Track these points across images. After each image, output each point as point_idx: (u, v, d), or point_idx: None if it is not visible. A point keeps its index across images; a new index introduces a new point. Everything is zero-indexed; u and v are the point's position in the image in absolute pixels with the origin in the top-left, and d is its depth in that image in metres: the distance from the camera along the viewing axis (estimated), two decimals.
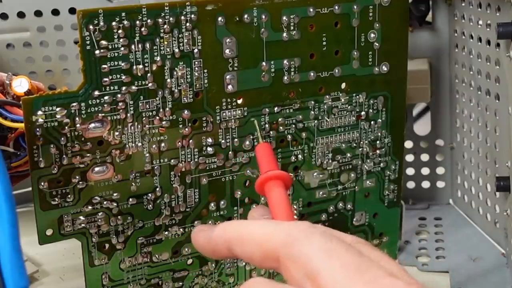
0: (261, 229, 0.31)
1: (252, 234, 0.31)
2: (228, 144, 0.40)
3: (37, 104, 0.35)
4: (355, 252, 0.28)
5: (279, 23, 0.40)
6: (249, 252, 0.31)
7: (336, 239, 0.29)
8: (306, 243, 0.28)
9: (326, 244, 0.28)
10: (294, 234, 0.29)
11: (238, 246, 0.31)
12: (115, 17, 0.36)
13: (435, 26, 0.54)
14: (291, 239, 0.29)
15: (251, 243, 0.31)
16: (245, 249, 0.31)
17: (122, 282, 0.40)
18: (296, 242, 0.29)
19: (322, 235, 0.29)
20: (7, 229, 0.24)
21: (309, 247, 0.28)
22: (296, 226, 0.30)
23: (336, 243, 0.28)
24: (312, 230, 0.29)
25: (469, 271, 0.47)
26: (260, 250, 0.30)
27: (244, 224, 0.32)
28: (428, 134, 0.57)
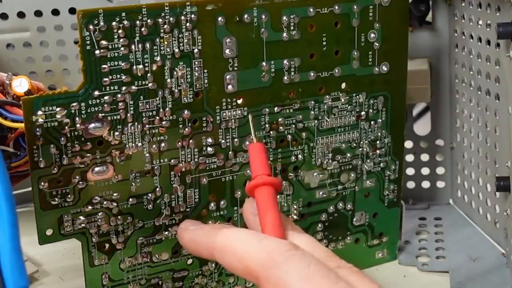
0: (244, 244, 0.31)
1: (234, 248, 0.31)
2: (228, 144, 0.40)
3: (37, 104, 0.35)
4: (332, 278, 0.28)
5: (279, 23, 0.40)
6: (231, 264, 0.31)
7: (315, 263, 0.29)
8: (284, 268, 0.29)
9: (304, 270, 0.29)
10: (273, 256, 0.29)
11: (220, 255, 0.32)
12: (115, 17, 0.36)
13: (435, 26, 0.54)
14: (271, 261, 0.29)
15: (232, 257, 0.31)
16: (226, 260, 0.32)
17: (122, 282, 0.40)
18: (275, 265, 0.29)
19: (301, 260, 0.29)
20: (7, 229, 0.24)
21: (287, 273, 0.29)
22: (277, 247, 0.30)
23: (314, 268, 0.29)
24: (292, 253, 0.29)
25: (469, 271, 0.47)
26: (240, 265, 0.31)
27: (227, 234, 0.32)
28: (428, 134, 0.57)
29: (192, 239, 0.35)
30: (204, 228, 0.35)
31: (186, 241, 0.35)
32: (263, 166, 0.35)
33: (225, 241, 0.32)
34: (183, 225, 0.37)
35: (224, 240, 0.32)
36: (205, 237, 0.33)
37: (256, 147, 0.37)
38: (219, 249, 0.32)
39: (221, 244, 0.32)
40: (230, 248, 0.31)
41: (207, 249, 0.33)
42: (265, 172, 0.35)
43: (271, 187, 0.34)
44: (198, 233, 0.35)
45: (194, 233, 0.35)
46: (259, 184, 0.34)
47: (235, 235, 0.32)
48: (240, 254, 0.31)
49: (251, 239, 0.31)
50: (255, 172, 0.35)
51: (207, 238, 0.33)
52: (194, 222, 0.38)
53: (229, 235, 0.32)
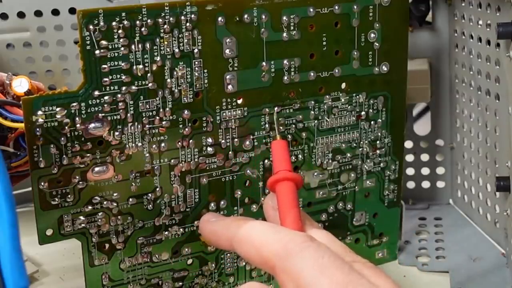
0: (261, 235, 0.32)
1: (252, 238, 0.32)
2: (228, 144, 0.40)
3: (37, 104, 0.35)
4: (345, 269, 0.29)
5: (279, 23, 0.40)
6: (248, 254, 0.32)
7: (329, 255, 0.29)
8: (299, 258, 0.29)
9: (318, 261, 0.29)
10: (289, 247, 0.30)
11: (238, 246, 0.33)
12: (115, 17, 0.36)
13: (435, 26, 0.54)
14: (286, 252, 0.30)
15: (250, 247, 0.32)
16: (244, 251, 0.32)
17: (122, 282, 0.40)
18: (290, 255, 0.30)
19: (316, 251, 0.30)
20: (7, 229, 0.24)
21: (302, 263, 0.29)
22: (293, 238, 0.31)
23: (328, 260, 0.29)
24: (308, 244, 0.30)
25: (469, 271, 0.47)
26: (258, 255, 0.31)
27: (247, 226, 0.33)
28: (428, 134, 0.57)
29: (213, 231, 0.36)
30: (225, 220, 0.36)
31: (207, 232, 0.36)
32: (285, 162, 0.36)
33: (243, 232, 0.33)
34: (205, 217, 0.37)
35: (243, 231, 0.33)
36: (225, 229, 0.34)
37: (279, 143, 0.37)
38: (238, 240, 0.33)
39: (240, 235, 0.33)
40: (248, 239, 0.32)
41: (227, 240, 0.34)
42: (286, 168, 0.35)
43: (291, 183, 0.35)
44: (219, 224, 0.35)
45: (215, 225, 0.36)
46: (280, 179, 0.35)
47: (254, 227, 0.33)
48: (258, 244, 0.31)
49: (269, 230, 0.32)
50: (277, 168, 0.36)
51: (227, 230, 0.34)
52: (215, 215, 0.38)
53: (248, 226, 0.33)
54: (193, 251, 0.41)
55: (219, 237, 0.35)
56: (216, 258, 0.42)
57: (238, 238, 0.33)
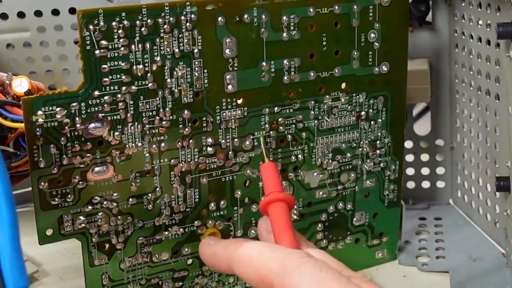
0: (259, 254, 0.32)
1: (249, 259, 0.32)
2: (228, 144, 0.40)
3: (37, 104, 0.35)
4: (343, 281, 0.29)
5: (279, 23, 0.40)
6: (246, 274, 0.32)
7: (327, 269, 0.30)
8: (297, 274, 0.30)
9: (315, 275, 0.29)
10: (286, 264, 0.30)
11: (237, 266, 0.33)
12: (115, 17, 0.36)
13: (435, 26, 0.54)
14: (284, 269, 0.30)
15: (248, 267, 0.32)
16: (242, 270, 0.33)
17: (122, 282, 0.40)
18: (288, 272, 0.30)
19: (313, 266, 0.30)
20: (7, 229, 0.24)
21: (300, 278, 0.29)
22: (290, 255, 0.31)
23: (326, 273, 0.29)
24: (305, 260, 0.30)
25: (469, 271, 0.47)
26: (256, 275, 0.32)
27: (243, 247, 0.33)
28: (428, 134, 0.57)
29: (212, 253, 0.36)
30: (223, 242, 0.37)
31: (207, 255, 0.37)
32: (275, 184, 0.36)
33: (241, 253, 0.33)
34: (205, 241, 0.38)
35: (240, 252, 0.33)
36: (224, 250, 0.35)
37: (267, 166, 0.37)
38: (236, 261, 0.33)
39: (238, 256, 0.33)
40: (246, 259, 0.33)
41: (226, 261, 0.34)
42: (277, 190, 0.36)
43: (284, 203, 0.35)
44: (218, 246, 0.36)
45: (214, 247, 0.37)
46: (272, 201, 0.35)
47: (251, 247, 0.33)
48: (255, 264, 0.32)
49: (266, 249, 0.32)
50: (268, 190, 0.36)
51: (225, 251, 0.35)
52: (214, 238, 0.39)
53: (245, 247, 0.33)
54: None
55: (218, 259, 0.35)
56: None
57: (236, 258, 0.33)
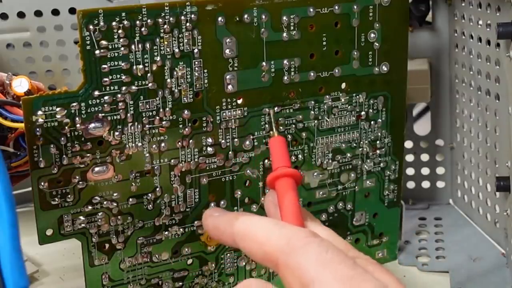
0: (264, 231, 0.31)
1: (255, 234, 0.32)
2: (228, 144, 0.40)
3: (37, 104, 0.35)
4: (349, 264, 0.28)
5: (279, 23, 0.40)
6: (251, 250, 0.32)
7: (333, 250, 0.29)
8: (302, 253, 0.29)
9: (321, 255, 0.29)
10: (292, 243, 0.30)
11: (242, 241, 0.32)
12: (115, 17, 0.36)
13: (435, 26, 0.54)
14: (290, 247, 0.30)
15: (253, 243, 0.32)
16: (247, 246, 0.32)
17: (122, 282, 0.40)
18: (293, 251, 0.29)
19: (319, 246, 0.29)
20: (7, 229, 0.24)
21: (305, 258, 0.29)
22: (296, 233, 0.30)
23: (332, 254, 0.29)
24: (311, 239, 0.30)
25: (469, 271, 0.47)
26: (261, 251, 0.31)
27: (250, 221, 0.33)
28: (428, 134, 0.57)
29: (215, 226, 0.35)
30: (228, 215, 0.35)
31: (210, 227, 0.36)
32: (284, 159, 0.36)
33: (246, 227, 0.32)
34: (208, 212, 0.37)
35: (245, 227, 0.32)
36: (228, 224, 0.34)
37: (276, 140, 0.37)
38: (240, 235, 0.32)
39: (242, 231, 0.32)
40: (251, 235, 0.32)
41: (229, 235, 0.33)
42: (285, 164, 0.35)
43: (291, 179, 0.35)
44: (222, 219, 0.35)
45: (217, 220, 0.35)
46: (279, 176, 0.35)
47: (256, 222, 0.32)
48: (260, 240, 0.31)
49: (272, 226, 0.32)
50: (276, 164, 0.35)
51: (230, 225, 0.33)
52: (218, 209, 0.38)
53: (250, 222, 0.33)
54: (193, 251, 0.41)
55: (221, 232, 0.34)
56: (216, 258, 0.42)
57: (241, 233, 0.32)
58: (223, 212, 0.37)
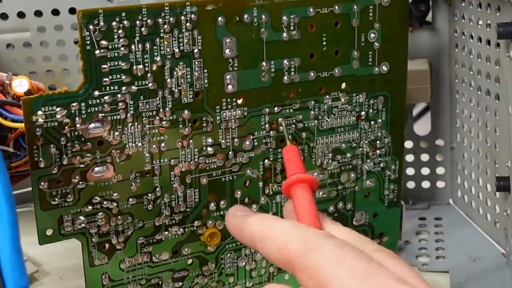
0: (282, 233, 0.32)
1: (273, 237, 0.32)
2: (228, 144, 0.40)
3: (37, 104, 0.35)
4: (363, 258, 0.29)
5: (279, 23, 0.40)
6: (268, 252, 0.32)
7: (348, 247, 0.29)
8: (317, 253, 0.29)
9: (335, 253, 0.29)
10: (308, 243, 0.30)
11: (259, 244, 0.33)
12: (115, 17, 0.36)
13: (435, 26, 0.54)
14: (305, 249, 0.30)
15: (271, 246, 0.32)
16: (265, 248, 0.32)
17: (122, 282, 0.40)
18: (309, 252, 0.30)
19: (334, 244, 0.30)
20: (7, 229, 0.24)
21: (320, 257, 0.29)
22: (312, 234, 0.31)
23: (347, 251, 0.29)
24: (326, 240, 0.30)
25: (469, 271, 0.47)
26: (278, 254, 0.31)
27: (268, 223, 0.33)
28: (428, 134, 0.57)
29: (236, 226, 0.35)
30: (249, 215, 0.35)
31: (231, 227, 0.36)
32: (298, 166, 0.36)
33: (265, 230, 0.33)
34: (232, 210, 0.37)
35: (264, 229, 0.33)
36: (248, 225, 0.34)
37: (290, 148, 0.37)
38: (260, 238, 0.33)
39: (262, 233, 0.33)
40: (269, 237, 0.32)
41: (249, 236, 0.33)
42: (299, 171, 0.35)
43: (306, 184, 0.35)
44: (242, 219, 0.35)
45: (238, 219, 0.35)
46: (294, 182, 0.35)
47: (275, 225, 0.33)
48: (278, 243, 0.31)
49: (289, 228, 0.32)
50: (290, 172, 0.36)
51: (249, 227, 0.34)
52: (242, 209, 0.37)
53: (269, 224, 0.33)
54: (193, 251, 0.41)
55: (241, 233, 0.35)
56: (216, 258, 0.42)
57: (260, 235, 0.33)
58: (246, 212, 0.37)
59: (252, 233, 0.33)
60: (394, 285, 0.27)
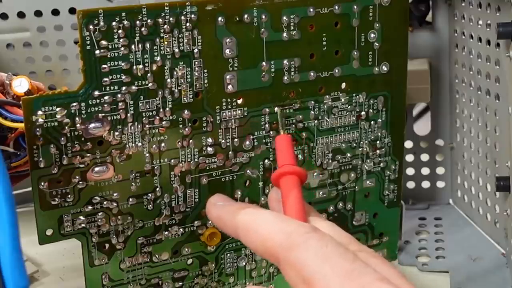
0: (266, 225, 0.31)
1: (257, 229, 0.32)
2: (228, 144, 0.40)
3: (37, 104, 0.35)
4: (349, 257, 0.29)
5: (279, 23, 0.40)
6: (252, 244, 0.32)
7: (333, 244, 0.29)
8: (302, 249, 0.29)
9: (321, 250, 0.29)
10: (293, 239, 0.30)
11: (244, 236, 0.33)
12: (115, 17, 0.36)
13: (435, 26, 0.54)
14: (290, 243, 0.30)
15: (255, 238, 0.32)
16: (249, 240, 0.32)
17: (122, 282, 0.40)
18: (294, 246, 0.30)
19: (319, 240, 0.29)
20: (7, 229, 0.24)
21: (305, 253, 0.29)
22: (297, 229, 0.30)
23: (332, 249, 0.29)
24: (311, 235, 0.30)
25: (469, 271, 0.47)
26: (262, 246, 0.31)
27: (253, 215, 0.33)
28: (428, 134, 0.57)
29: (219, 216, 0.35)
30: (232, 206, 0.35)
31: (213, 217, 0.36)
32: (289, 157, 0.36)
33: (249, 221, 0.32)
34: (212, 199, 0.37)
35: (248, 220, 0.33)
36: (231, 216, 0.34)
37: (282, 138, 0.37)
38: (243, 228, 0.33)
39: (245, 224, 0.33)
40: (253, 228, 0.32)
41: (232, 227, 0.33)
42: (290, 162, 0.35)
43: (295, 177, 0.35)
44: (225, 210, 0.35)
45: (221, 210, 0.35)
46: (284, 173, 0.35)
47: (259, 216, 0.32)
48: (262, 235, 0.31)
49: (273, 220, 0.32)
50: (281, 162, 0.36)
51: (233, 217, 0.33)
52: (223, 198, 0.37)
53: (253, 215, 0.33)
54: (193, 251, 0.41)
55: (224, 223, 0.34)
56: (216, 258, 0.42)
57: (243, 226, 0.33)
58: (227, 201, 0.36)
59: (235, 225, 0.33)
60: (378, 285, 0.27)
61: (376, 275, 0.28)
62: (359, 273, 0.28)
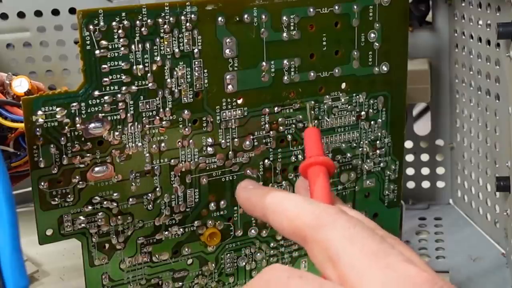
0: (295, 206, 0.32)
1: (286, 209, 0.32)
2: (228, 144, 0.40)
3: (37, 104, 0.35)
4: (376, 238, 0.29)
5: (279, 23, 0.40)
6: (280, 224, 0.32)
7: (360, 226, 0.29)
8: (330, 228, 0.29)
9: (349, 230, 0.29)
10: (321, 218, 0.30)
11: (272, 216, 0.33)
12: (115, 17, 0.36)
13: (435, 26, 0.54)
14: (318, 222, 0.30)
15: (283, 217, 0.32)
16: (277, 220, 0.32)
17: (122, 282, 0.40)
18: (322, 226, 0.30)
19: (347, 221, 0.30)
20: (7, 229, 0.24)
21: (333, 233, 0.29)
22: (325, 210, 0.31)
23: (359, 229, 0.29)
24: (339, 216, 0.30)
25: (469, 271, 0.47)
26: (290, 225, 0.31)
27: (281, 196, 0.33)
28: (428, 134, 0.57)
29: (248, 198, 0.36)
30: (260, 188, 0.36)
31: (242, 199, 0.36)
32: (317, 148, 0.36)
33: (278, 202, 0.33)
34: (243, 184, 0.37)
35: (276, 201, 0.33)
36: (260, 197, 0.34)
37: (311, 130, 0.37)
38: (271, 209, 0.33)
39: (274, 205, 0.33)
40: (282, 209, 0.32)
41: (260, 209, 0.34)
42: (318, 154, 0.36)
43: (323, 167, 0.35)
44: (255, 193, 0.35)
45: (250, 192, 0.36)
46: (312, 164, 0.35)
47: (288, 197, 0.33)
48: (291, 215, 0.31)
49: (302, 202, 0.32)
50: (309, 153, 0.36)
51: (262, 199, 0.34)
52: (252, 183, 0.38)
53: (282, 197, 0.33)
54: (193, 251, 0.41)
55: (253, 205, 0.35)
56: (216, 258, 0.42)
57: (272, 208, 0.33)
58: (257, 185, 0.37)
59: (264, 205, 0.33)
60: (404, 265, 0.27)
61: (402, 256, 0.28)
62: (385, 253, 0.28)
